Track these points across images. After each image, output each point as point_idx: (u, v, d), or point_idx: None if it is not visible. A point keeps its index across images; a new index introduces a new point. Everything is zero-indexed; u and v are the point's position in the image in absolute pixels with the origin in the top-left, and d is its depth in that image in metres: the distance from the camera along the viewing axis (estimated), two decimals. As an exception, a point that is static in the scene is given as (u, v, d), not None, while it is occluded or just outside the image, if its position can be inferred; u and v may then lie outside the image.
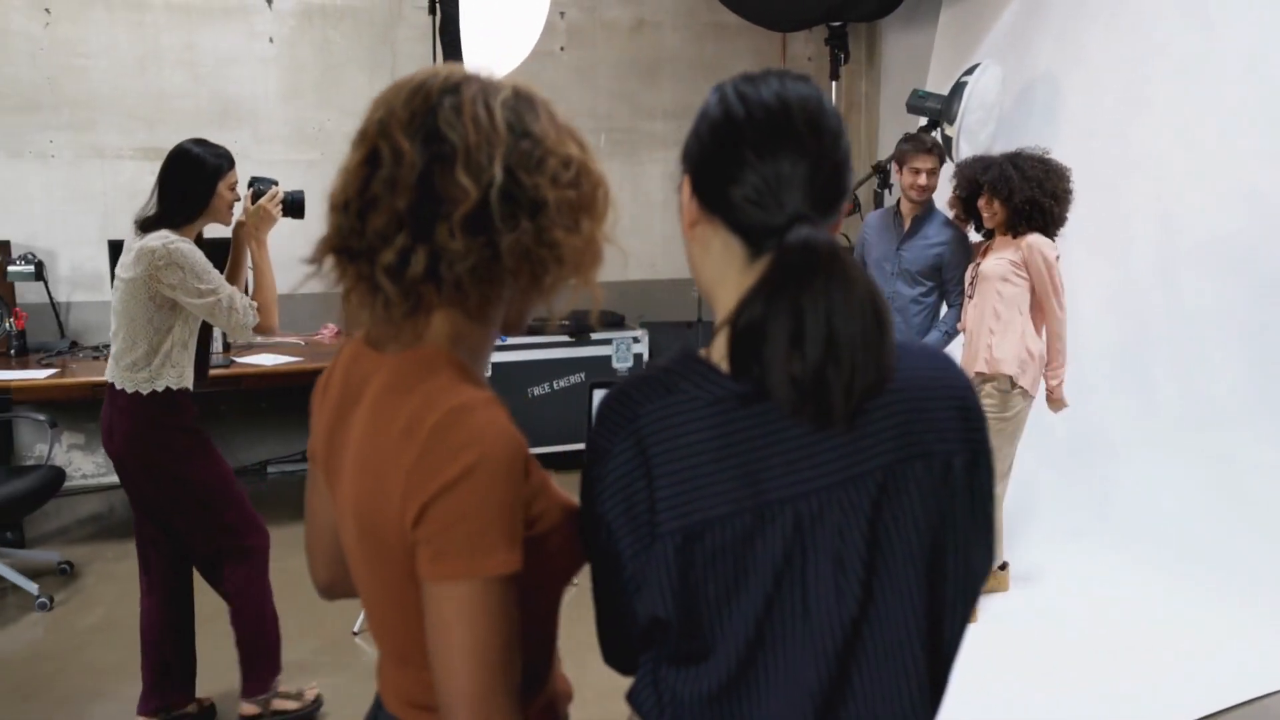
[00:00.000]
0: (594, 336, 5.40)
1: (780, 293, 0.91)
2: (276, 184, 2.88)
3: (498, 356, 5.20)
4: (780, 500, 0.94)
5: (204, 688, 2.96)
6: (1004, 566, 3.76)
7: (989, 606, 3.63)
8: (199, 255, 2.55)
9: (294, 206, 2.94)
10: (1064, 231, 3.50)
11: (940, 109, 4.53)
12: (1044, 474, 4.24)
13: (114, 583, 3.89)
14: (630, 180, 5.91)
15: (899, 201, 3.85)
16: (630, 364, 5.44)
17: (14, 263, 4.57)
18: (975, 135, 4.56)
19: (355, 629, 3.51)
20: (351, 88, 5.23)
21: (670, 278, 5.83)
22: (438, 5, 3.24)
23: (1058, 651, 3.31)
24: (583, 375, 5.40)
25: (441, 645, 0.90)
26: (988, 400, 3.40)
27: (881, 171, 5.21)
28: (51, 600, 3.70)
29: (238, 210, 2.79)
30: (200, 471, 2.68)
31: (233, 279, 2.76)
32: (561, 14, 5.64)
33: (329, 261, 1.02)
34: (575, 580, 1.07)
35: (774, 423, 0.94)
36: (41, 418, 3.63)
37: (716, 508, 0.94)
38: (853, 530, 0.94)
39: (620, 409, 0.99)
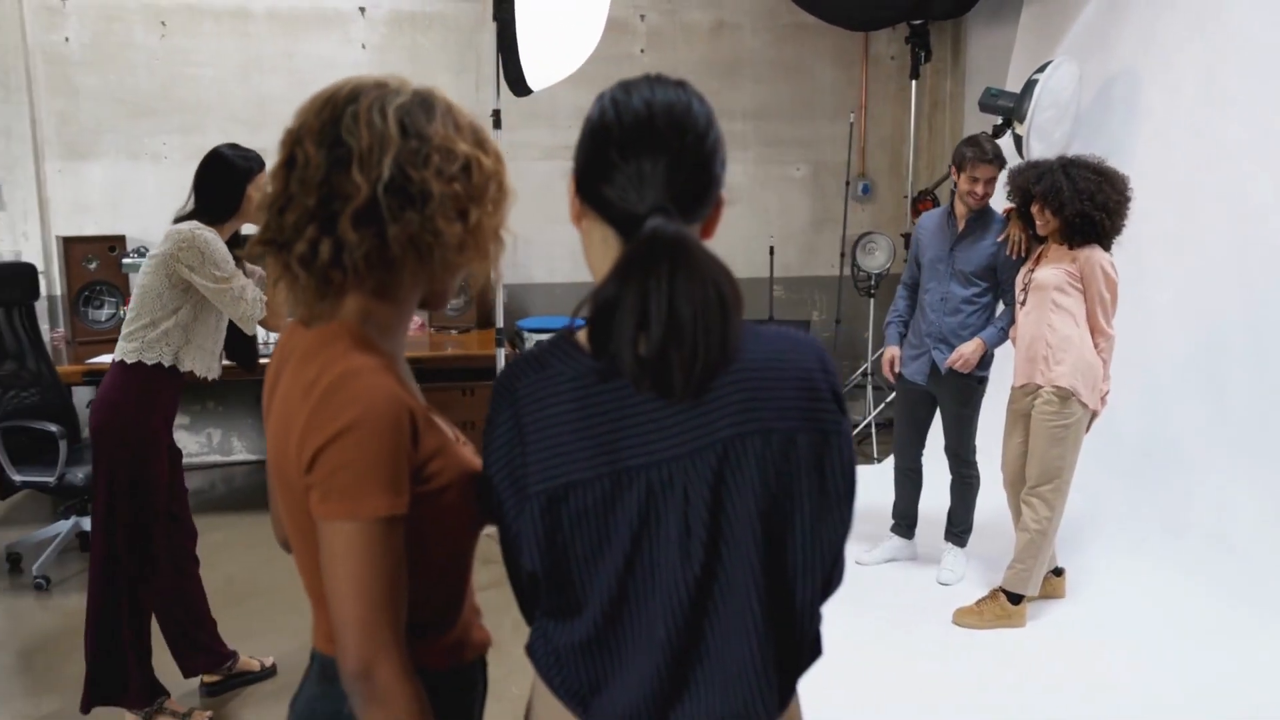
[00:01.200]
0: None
1: (629, 277, 1.00)
2: None
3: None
4: (635, 468, 1.03)
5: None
6: (1059, 572, 3.70)
7: (1043, 611, 3.58)
8: (220, 245, 2.70)
9: None
10: (1130, 235, 3.41)
11: (1012, 107, 4.46)
12: (1111, 482, 4.13)
13: (226, 550, 4.20)
14: (708, 180, 5.98)
15: (953, 202, 3.82)
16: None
17: (128, 255, 4.97)
18: (1049, 134, 4.48)
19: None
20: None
21: (750, 276, 5.87)
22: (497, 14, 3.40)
23: (1107, 663, 3.24)
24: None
25: (331, 578, 1.03)
26: (1046, 407, 3.34)
27: (959, 171, 5.14)
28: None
29: None
30: (142, 463, 2.74)
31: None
32: (642, 17, 5.76)
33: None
34: (488, 532, 1.17)
35: (629, 397, 1.03)
36: (53, 428, 3.74)
37: (578, 473, 1.04)
38: (697, 498, 1.02)
39: (504, 383, 1.10)
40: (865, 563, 4.04)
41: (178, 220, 2.76)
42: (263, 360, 3.11)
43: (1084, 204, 3.20)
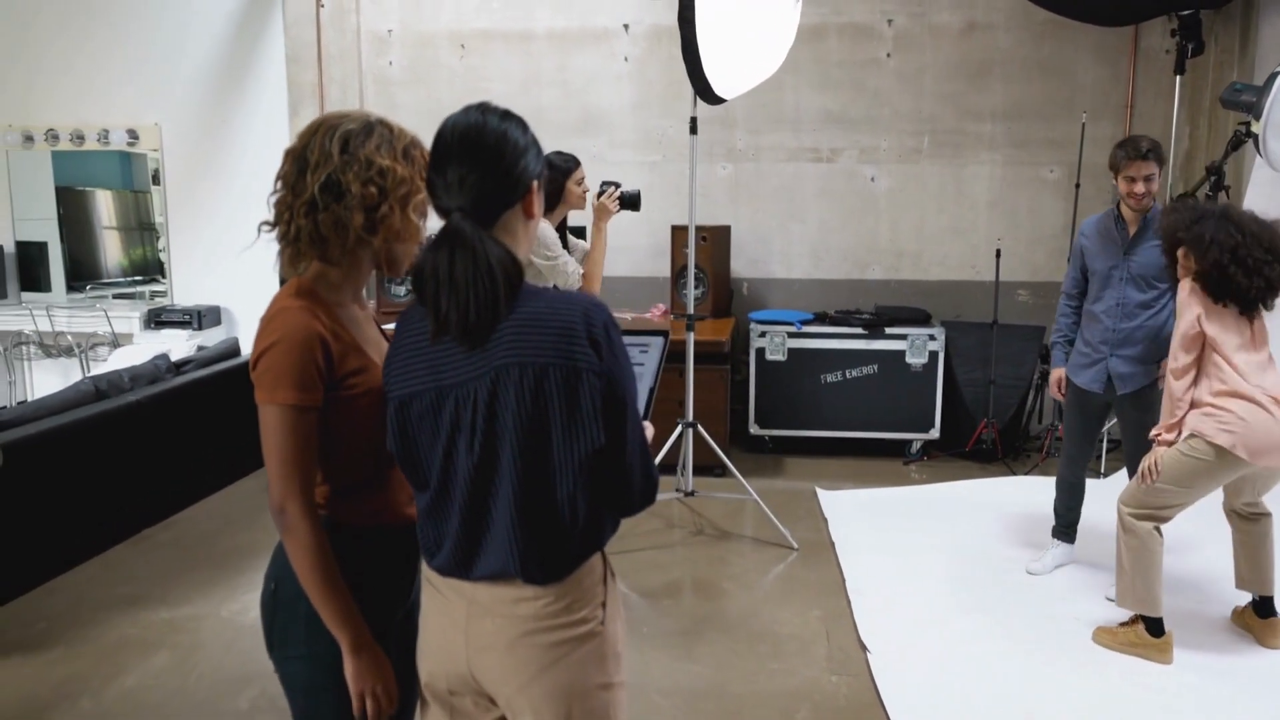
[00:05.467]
0: (889, 331, 5.60)
1: (429, 253, 1.42)
2: (618, 185, 3.81)
3: (795, 343, 5.64)
4: (449, 385, 1.44)
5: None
6: (1268, 611, 3.43)
7: (1229, 656, 3.34)
8: (551, 231, 3.55)
9: (630, 201, 3.84)
10: None
11: (1254, 102, 4.13)
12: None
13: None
14: (953, 182, 5.97)
15: (1118, 206, 3.69)
16: (924, 360, 5.59)
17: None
18: (1295, 132, 4.09)
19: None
20: (689, 99, 5.95)
21: (989, 280, 5.80)
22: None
23: None
24: (876, 367, 5.63)
25: (263, 444, 1.53)
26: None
27: (1216, 173, 4.81)
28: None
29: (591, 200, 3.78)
30: None
31: (591, 252, 3.70)
32: (889, 21, 5.88)
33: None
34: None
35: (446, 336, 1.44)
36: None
37: (417, 385, 1.47)
38: (478, 411, 1.42)
39: (398, 321, 1.54)
40: (1036, 572, 4.00)
41: None
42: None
43: (1221, 256, 3.12)
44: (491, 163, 1.45)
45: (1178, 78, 5.28)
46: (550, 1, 6.08)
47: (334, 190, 1.55)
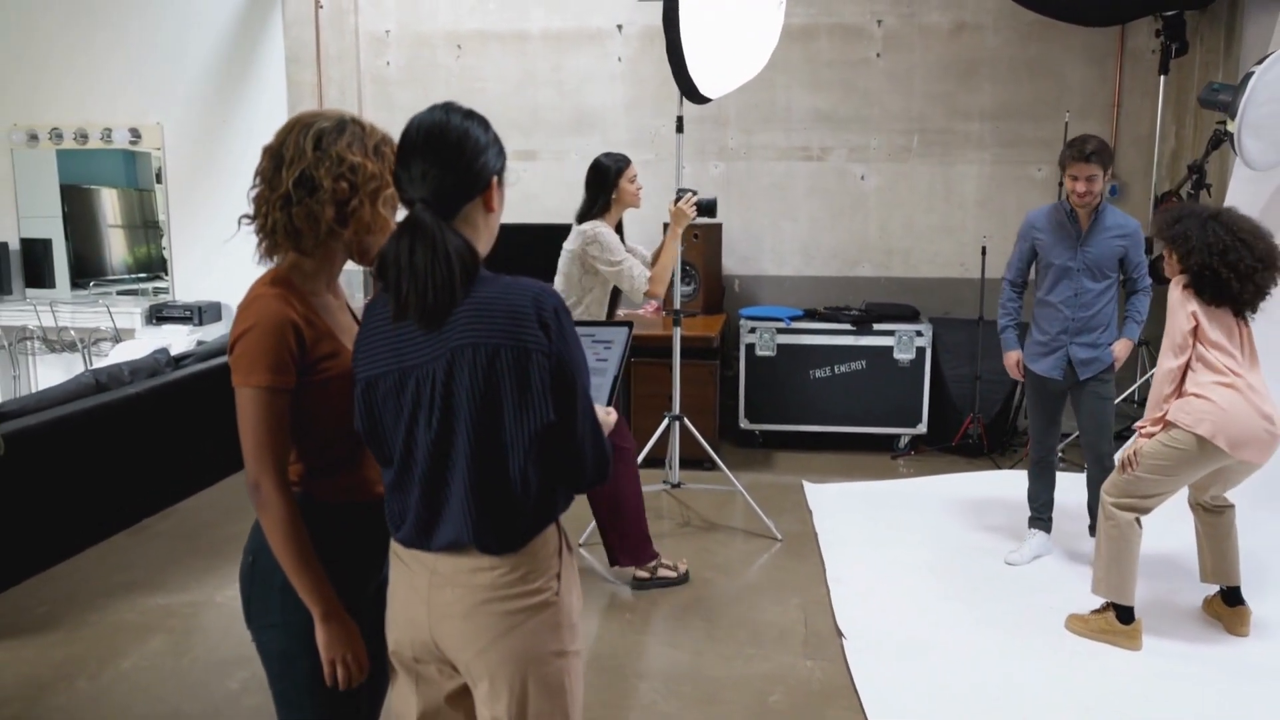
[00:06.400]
0: (877, 327, 5.68)
1: (392, 241, 1.51)
2: (694, 191, 3.90)
3: (784, 339, 5.72)
4: (410, 366, 1.53)
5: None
6: (1235, 599, 3.50)
7: (1218, 653, 3.42)
8: (612, 236, 3.66)
9: (707, 208, 3.92)
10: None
11: (1229, 102, 4.21)
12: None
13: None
14: (942, 181, 6.05)
15: (1069, 200, 3.81)
16: (911, 355, 5.67)
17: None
18: (1271, 131, 4.19)
19: (580, 541, 4.33)
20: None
21: (978, 277, 5.87)
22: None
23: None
24: (864, 363, 5.71)
25: (239, 425, 1.62)
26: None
27: (1198, 171, 4.89)
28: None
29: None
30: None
31: (658, 256, 3.80)
32: (879, 22, 5.96)
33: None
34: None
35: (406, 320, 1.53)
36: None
37: (382, 367, 1.56)
38: (436, 390, 1.51)
39: (365, 307, 1.63)
40: (1014, 562, 4.08)
41: (579, 219, 3.74)
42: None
43: (1210, 258, 3.17)
44: (453, 158, 1.54)
45: (1162, 78, 5.35)
46: (545, 2, 6.17)
47: (307, 185, 1.64)
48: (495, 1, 6.20)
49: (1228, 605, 3.51)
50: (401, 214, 1.59)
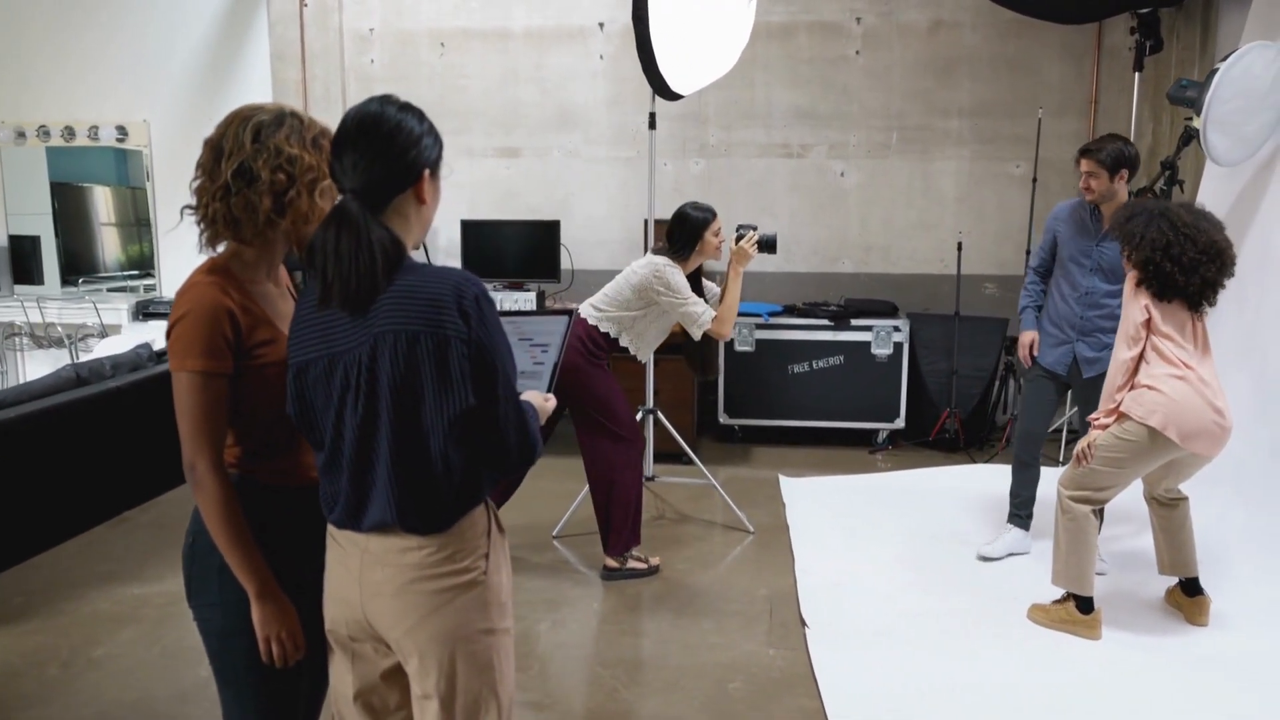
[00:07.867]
0: (855, 323, 5.73)
1: (320, 230, 1.56)
2: (755, 228, 3.91)
3: (762, 334, 5.76)
4: (338, 352, 1.58)
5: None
6: (1194, 590, 3.55)
7: (1157, 634, 3.47)
8: (680, 277, 3.79)
9: (768, 244, 3.92)
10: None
11: (1195, 98, 4.25)
12: None
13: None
14: (921, 177, 6.09)
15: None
16: (889, 350, 5.71)
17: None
18: (1237, 127, 4.22)
19: (555, 533, 4.37)
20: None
21: (934, 273, 5.93)
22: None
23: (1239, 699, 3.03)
24: (842, 358, 5.75)
25: (176, 408, 1.67)
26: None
27: (1170, 168, 4.92)
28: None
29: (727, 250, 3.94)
30: (598, 385, 3.82)
31: (724, 296, 3.90)
32: (858, 20, 6.00)
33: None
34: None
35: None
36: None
37: (312, 353, 1.61)
38: (362, 375, 1.56)
39: (299, 296, 1.68)
40: (987, 555, 4.11)
41: (658, 251, 3.87)
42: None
43: (1153, 254, 3.21)
44: (384, 150, 1.58)
45: (1137, 74, 5.38)
46: (527, 1, 6.22)
47: (246, 176, 1.69)
48: (478, 0, 6.25)
49: (1187, 595, 3.55)
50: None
